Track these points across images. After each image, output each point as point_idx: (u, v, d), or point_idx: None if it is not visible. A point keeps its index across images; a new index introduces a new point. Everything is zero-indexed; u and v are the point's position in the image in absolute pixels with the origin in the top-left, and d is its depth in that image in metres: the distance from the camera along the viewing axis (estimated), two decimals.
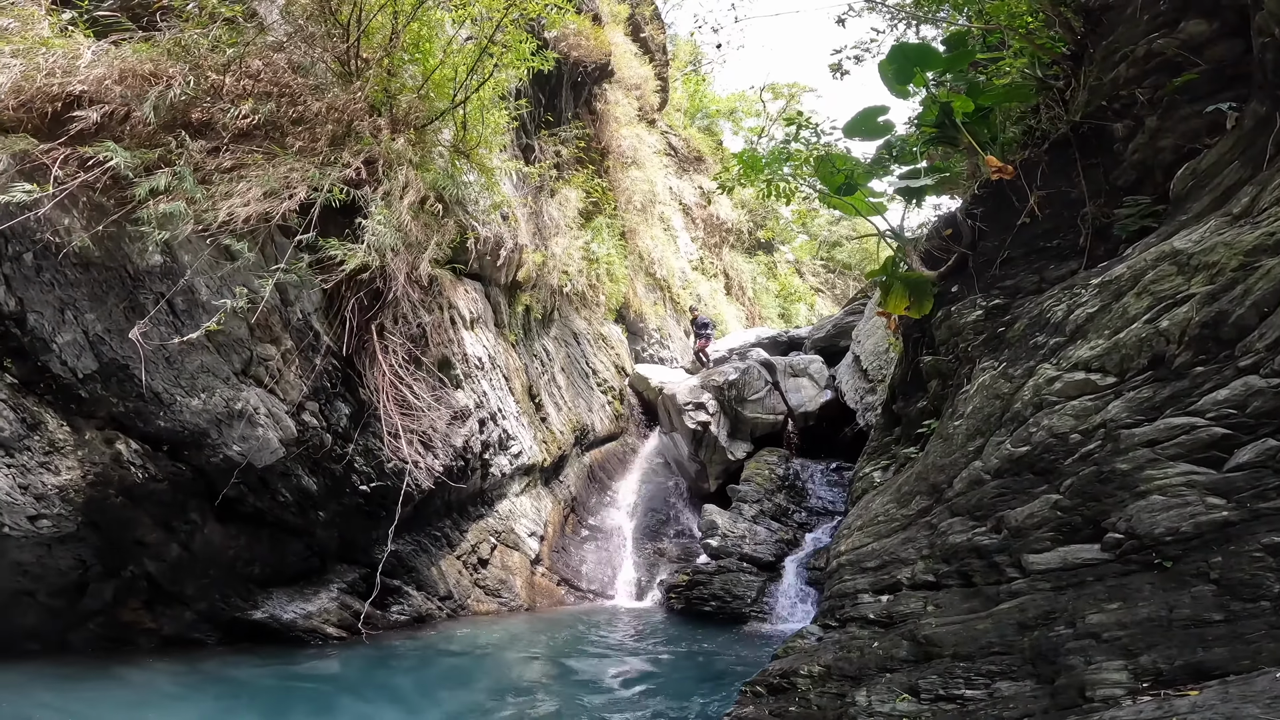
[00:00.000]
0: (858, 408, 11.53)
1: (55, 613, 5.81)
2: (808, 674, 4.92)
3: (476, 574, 9.99)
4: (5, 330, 5.03)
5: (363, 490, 7.58)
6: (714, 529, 10.88)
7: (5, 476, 4.95)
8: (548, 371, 12.53)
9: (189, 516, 6.24)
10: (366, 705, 5.90)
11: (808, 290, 27.83)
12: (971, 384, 5.09)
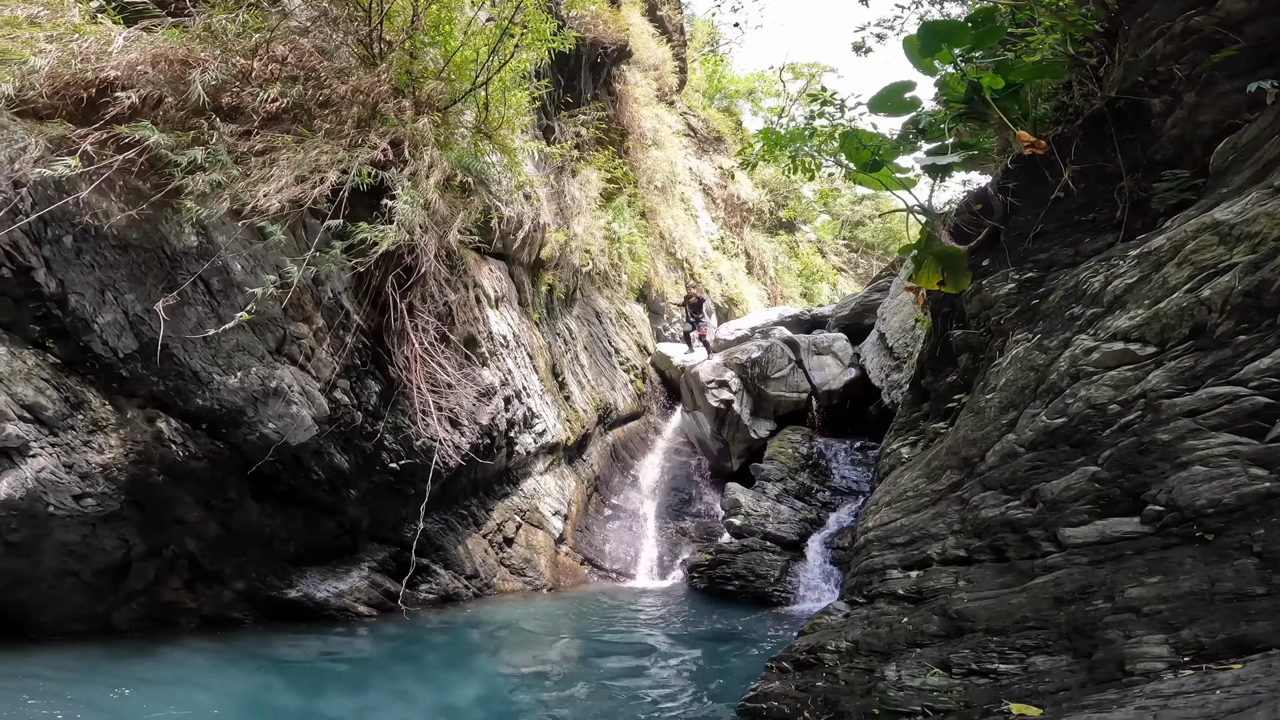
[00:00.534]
0: (883, 385, 11.43)
1: (99, 593, 5.95)
2: (835, 649, 4.96)
3: (502, 553, 10.12)
4: (47, 312, 5.12)
5: (392, 468, 7.70)
6: (737, 507, 10.90)
7: (50, 456, 5.08)
8: (571, 350, 12.58)
9: (227, 495, 6.38)
10: (397, 682, 6.04)
11: (830, 270, 27.60)
12: (1004, 357, 5.06)
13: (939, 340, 6.73)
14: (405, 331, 7.55)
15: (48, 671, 5.15)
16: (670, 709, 5.67)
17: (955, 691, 3.81)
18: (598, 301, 14.03)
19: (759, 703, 5.12)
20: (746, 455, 12.72)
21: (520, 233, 10.34)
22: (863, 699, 4.22)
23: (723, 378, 13.11)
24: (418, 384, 7.49)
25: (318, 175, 6.17)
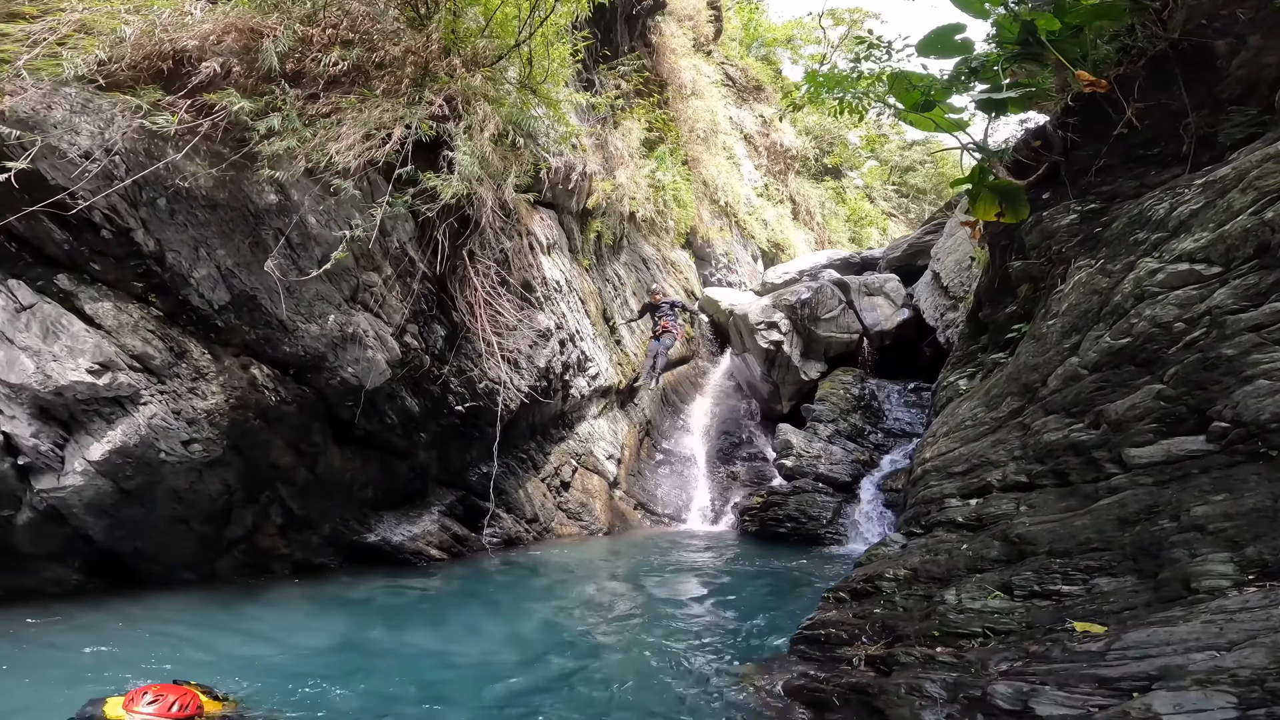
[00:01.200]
0: (938, 324, 11.26)
1: (205, 541, 6.45)
2: (893, 577, 5.12)
3: (559, 497, 10.56)
4: (148, 269, 5.51)
5: (458, 411, 8.10)
6: (789, 449, 11.01)
7: (160, 403, 5.53)
8: (620, 295, 12.75)
9: (313, 439, 6.84)
10: (470, 617, 6.47)
11: (879, 214, 26.91)
12: (1066, 284, 5.07)
13: (997, 273, 6.72)
14: (467, 277, 7.91)
15: (164, 617, 5.66)
16: (727, 641, 5.95)
17: (1017, 613, 3.92)
18: (644, 248, 14.11)
19: (816, 630, 5.33)
20: (797, 397, 12.77)
21: (568, 183, 10.50)
22: (921, 623, 4.36)
23: (772, 319, 13.09)
24: (481, 326, 7.87)
25: (383, 131, 6.42)
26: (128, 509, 5.63)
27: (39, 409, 5.08)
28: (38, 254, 5.23)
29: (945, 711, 3.43)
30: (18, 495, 5.09)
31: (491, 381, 8.13)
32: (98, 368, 5.16)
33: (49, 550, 5.51)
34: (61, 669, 4.53)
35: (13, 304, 5.06)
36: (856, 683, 4.22)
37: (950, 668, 3.73)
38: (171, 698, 3.30)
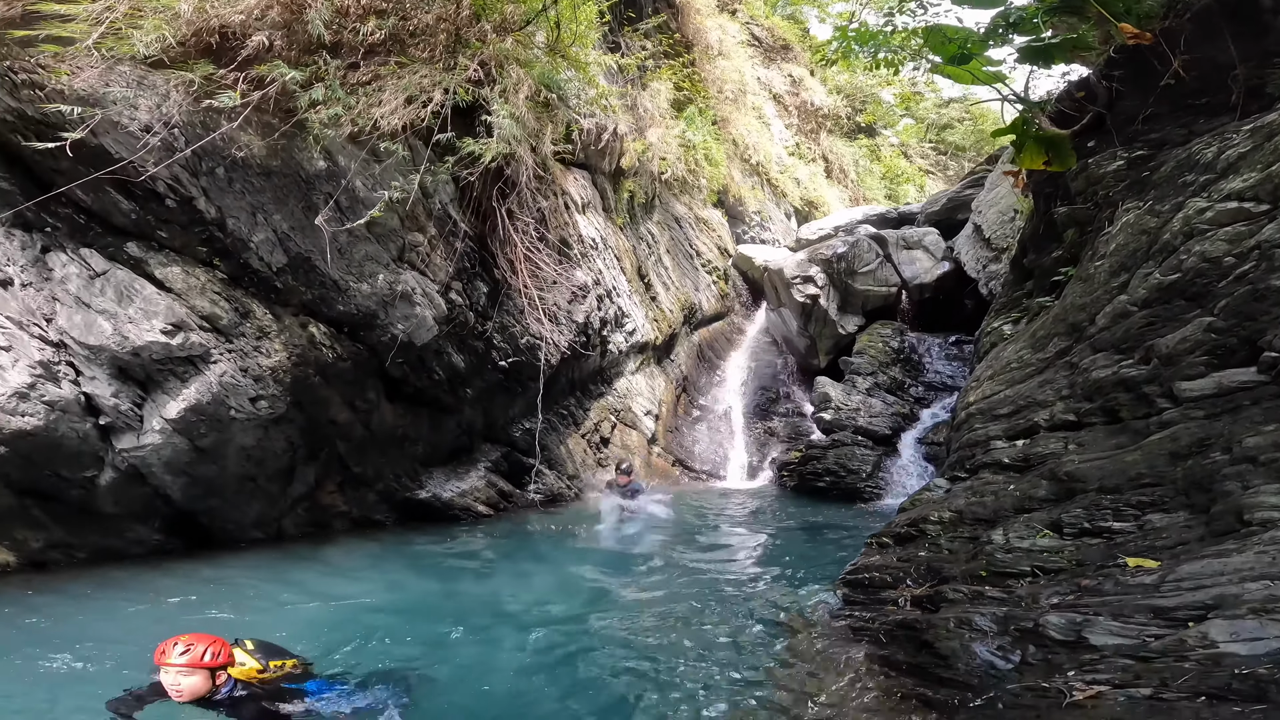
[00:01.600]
0: (980, 277, 11.07)
1: (272, 499, 6.80)
2: (937, 520, 5.19)
3: (599, 453, 10.80)
4: (211, 234, 5.74)
5: (502, 365, 8.37)
6: (827, 402, 11.02)
7: (228, 361, 5.81)
8: (654, 253, 12.79)
9: (367, 396, 7.13)
10: (519, 567, 6.75)
11: (916, 172, 26.19)
12: (1114, 225, 5.09)
13: (1042, 220, 6.77)
14: (507, 235, 8.13)
15: (235, 573, 6.01)
16: (769, 588, 6.09)
17: (1067, 551, 3.95)
18: (676, 207, 14.08)
19: (860, 574, 5.43)
20: (834, 351, 12.74)
21: (600, 143, 10.56)
22: (968, 564, 4.42)
23: (808, 273, 13.00)
24: (521, 281, 8.12)
25: (424, 96, 6.56)
26: (202, 467, 5.96)
27: (117, 369, 5.37)
28: (106, 224, 5.48)
29: (996, 643, 3.52)
30: (100, 456, 5.42)
31: (533, 337, 8.38)
32: (171, 328, 5.43)
33: (131, 510, 5.87)
34: (147, 619, 4.88)
35: (86, 271, 5.32)
36: (903, 620, 4.34)
37: (999, 603, 3.81)
38: (202, 646, 3.28)
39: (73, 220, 5.37)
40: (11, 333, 4.89)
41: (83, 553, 5.71)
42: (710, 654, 4.67)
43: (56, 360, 5.07)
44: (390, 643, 4.78)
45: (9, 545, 5.32)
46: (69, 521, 5.57)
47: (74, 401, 5.13)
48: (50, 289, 5.16)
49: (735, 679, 4.31)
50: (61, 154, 5.04)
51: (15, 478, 5.09)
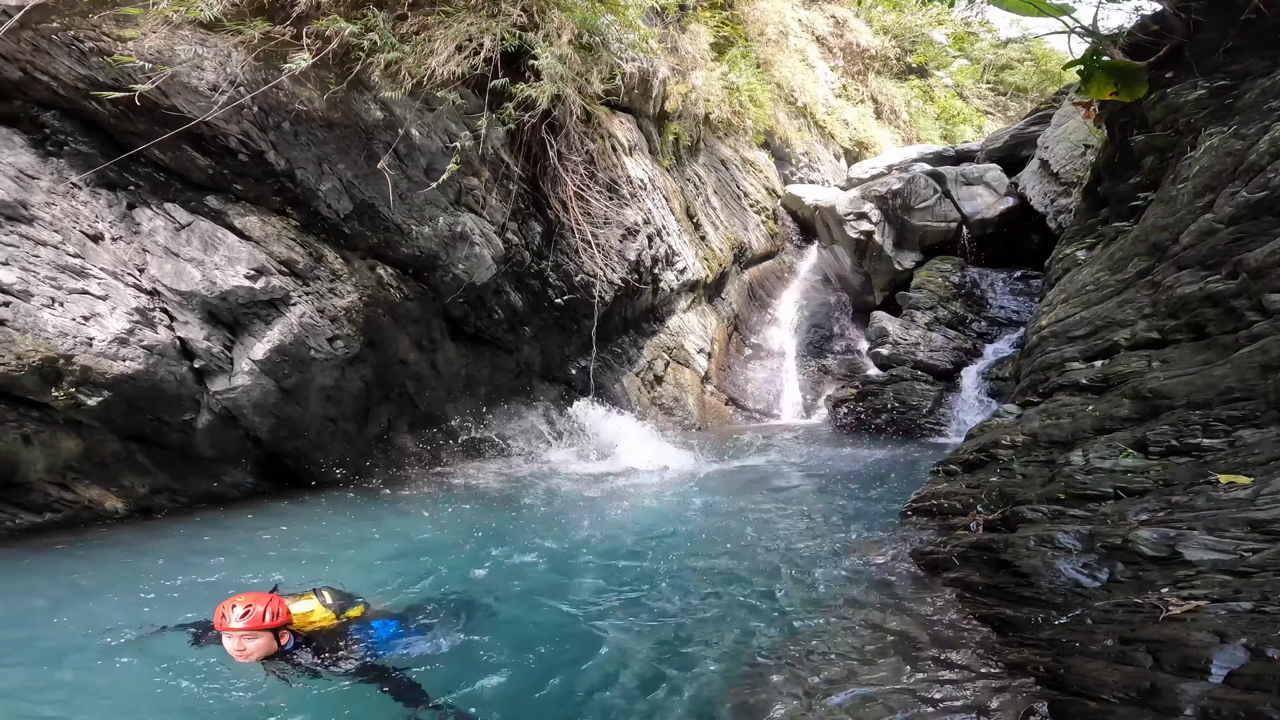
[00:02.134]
0: (1047, 211, 10.60)
1: (350, 439, 7.13)
2: (1009, 444, 5.13)
3: (653, 391, 10.93)
4: (282, 185, 5.96)
5: (557, 303, 8.58)
6: (884, 337, 10.82)
7: (307, 303, 6.08)
8: (701, 194, 12.66)
9: (433, 335, 7.40)
10: (584, 503, 6.94)
11: (974, 112, 24.85)
12: (1196, 150, 5.05)
13: (1117, 148, 6.82)
14: (558, 176, 8.27)
15: (319, 513, 6.31)
16: (829, 520, 6.07)
17: (1152, 471, 3.88)
18: (721, 150, 13.87)
19: (926, 501, 5.42)
20: (890, 288, 12.44)
21: (644, 87, 10.46)
22: (1044, 488, 4.36)
23: (861, 210, 12.63)
24: (574, 219, 8.28)
25: (474, 43, 6.60)
26: (287, 408, 6.28)
27: (208, 314, 5.67)
28: (186, 180, 5.74)
29: (1081, 560, 3.48)
30: (196, 399, 5.76)
31: (587, 274, 8.57)
32: (253, 273, 5.69)
33: (226, 453, 6.25)
34: (244, 556, 5.17)
35: (172, 224, 5.58)
36: (977, 541, 4.34)
37: (1084, 520, 3.79)
38: (260, 607, 3.16)
39: (153, 178, 5.62)
40: (107, 283, 5.17)
41: (185, 497, 6.11)
42: (777, 584, 4.64)
43: (152, 307, 5.36)
44: (461, 575, 4.95)
45: (118, 492, 5.70)
46: (171, 466, 5.95)
47: (170, 345, 5.44)
48: (140, 241, 5.43)
49: (805, 608, 4.28)
50: (137, 116, 5.27)
51: (120, 423, 5.45)
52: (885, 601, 4.19)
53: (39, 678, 3.47)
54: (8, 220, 4.84)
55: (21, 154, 5.06)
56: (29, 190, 4.98)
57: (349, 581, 4.59)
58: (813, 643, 3.76)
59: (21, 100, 5.15)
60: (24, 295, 4.78)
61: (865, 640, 3.73)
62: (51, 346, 4.82)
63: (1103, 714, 2.64)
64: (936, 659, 3.41)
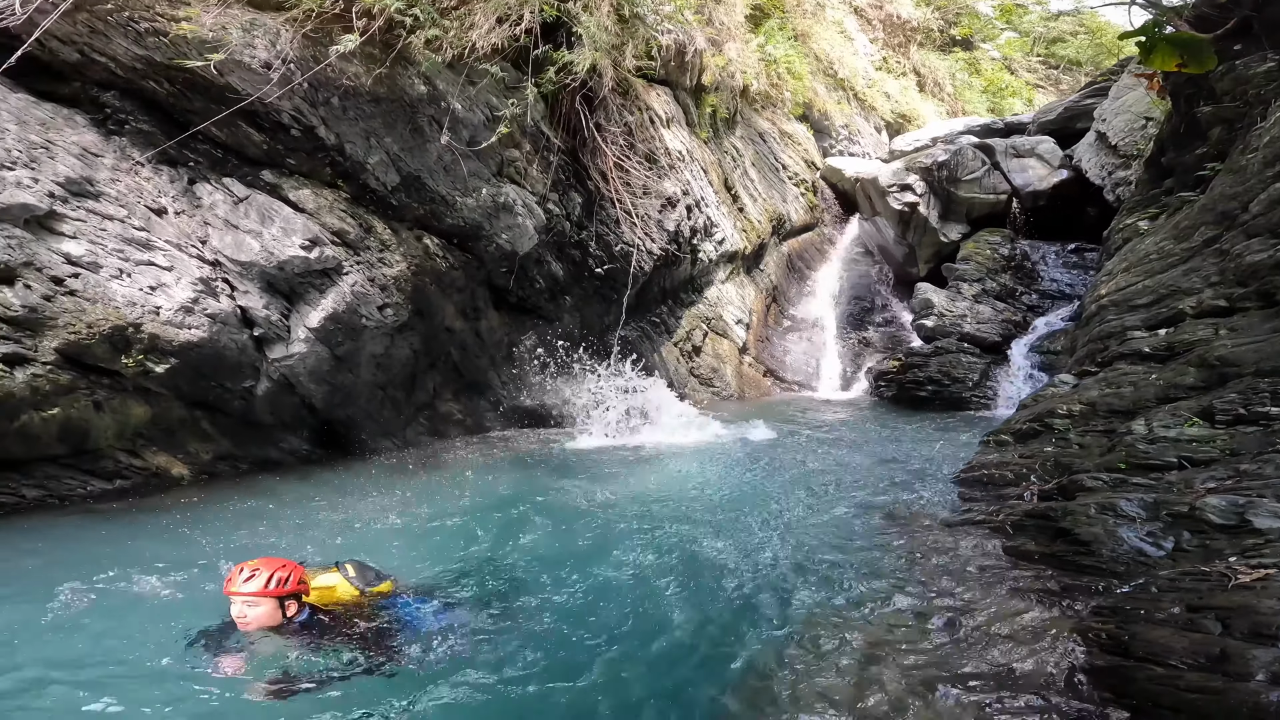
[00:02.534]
0: (1105, 183, 10.25)
1: (398, 407, 7.32)
2: (1066, 413, 5.02)
3: (691, 362, 10.94)
4: (333, 159, 6.12)
5: (598, 273, 8.70)
6: (929, 308, 10.61)
7: (358, 272, 6.25)
8: (739, 166, 12.55)
9: (476, 304, 7.59)
10: (624, 466, 7.01)
11: (1023, 85, 23.97)
12: (1266, 120, 5.03)
13: (1182, 119, 6.85)
14: (597, 147, 8.34)
15: (368, 482, 6.43)
16: (875, 490, 5.99)
17: (1219, 440, 3.77)
18: (759, 122, 13.73)
19: (977, 471, 5.35)
20: (935, 260, 12.19)
21: (680, 59, 10.44)
22: (1103, 457, 4.26)
23: (905, 181, 12.35)
24: (614, 189, 8.36)
25: (514, 15, 6.63)
26: (340, 375, 6.47)
27: (266, 283, 5.84)
28: (241, 155, 5.91)
29: (1145, 529, 3.41)
30: (256, 366, 5.95)
31: (626, 244, 8.66)
32: (308, 243, 5.85)
33: (283, 420, 6.46)
34: (297, 523, 5.31)
35: (230, 198, 5.76)
36: (1033, 510, 4.28)
37: (1147, 489, 3.71)
38: (268, 572, 3.00)
39: (211, 154, 5.81)
40: (172, 254, 5.35)
41: (245, 464, 6.34)
42: (823, 554, 4.58)
43: (214, 277, 5.54)
44: (503, 540, 5.04)
45: (183, 458, 5.93)
46: (233, 433, 6.18)
47: (232, 314, 5.63)
48: (201, 214, 5.61)
49: (855, 577, 4.19)
50: (194, 94, 5.44)
51: (186, 390, 5.67)
52: (937, 573, 4.12)
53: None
54: (74, 196, 5.01)
55: (84, 133, 5.22)
56: (94, 167, 5.14)
57: (393, 549, 4.76)
58: (864, 610, 3.75)
59: (81, 81, 5.32)
60: (93, 267, 4.96)
61: (917, 607, 3.71)
62: (121, 315, 5.02)
63: (1171, 679, 2.61)
64: (991, 628, 3.38)
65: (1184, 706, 2.50)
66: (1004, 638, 3.27)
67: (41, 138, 4.91)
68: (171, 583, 4.07)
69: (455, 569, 4.52)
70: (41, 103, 5.09)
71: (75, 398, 5.07)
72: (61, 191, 4.88)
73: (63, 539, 4.68)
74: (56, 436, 5.09)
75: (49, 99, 5.17)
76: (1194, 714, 2.46)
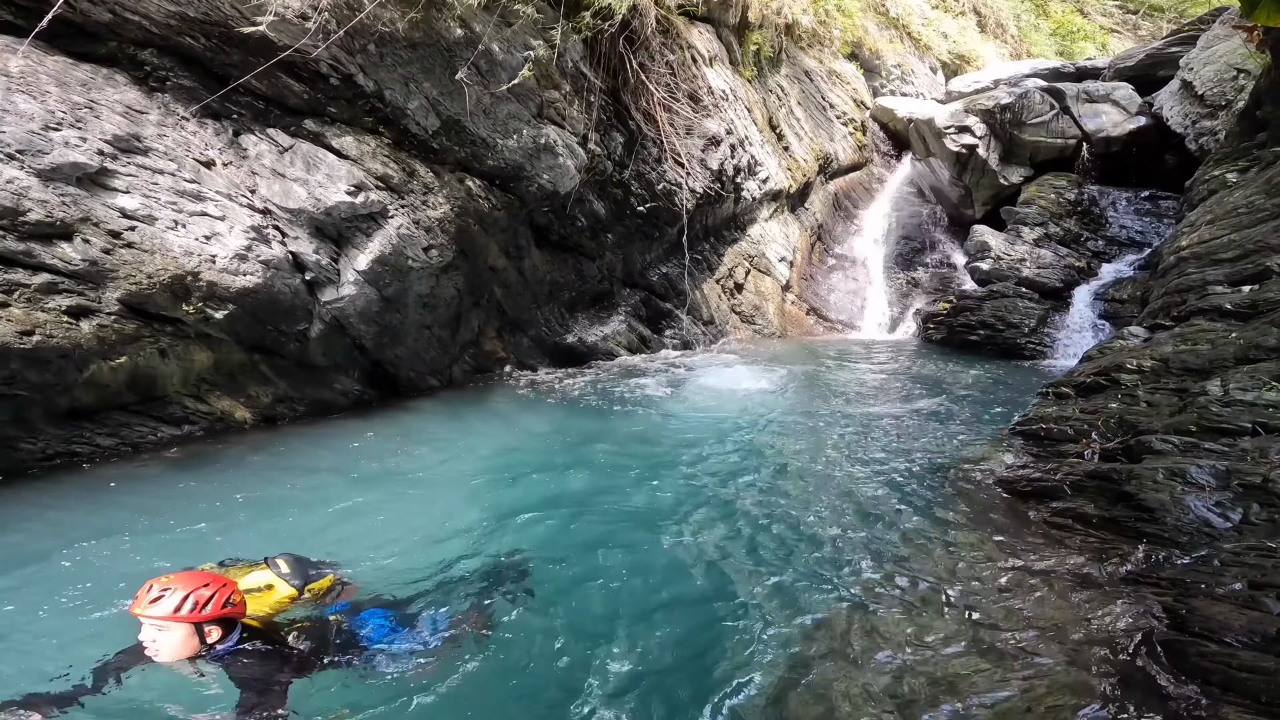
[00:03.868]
0: (1187, 132, 9.59)
1: (444, 346, 7.44)
2: (1135, 368, 4.81)
3: (733, 299, 10.82)
4: (373, 106, 6.06)
5: (640, 211, 8.66)
6: (985, 250, 10.18)
7: (403, 215, 6.28)
8: (785, 105, 12.08)
9: (519, 243, 7.66)
10: (661, 409, 7.03)
11: (1097, 30, 22.08)
12: None
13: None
14: (640, 86, 8.22)
15: (415, 419, 6.65)
16: (925, 441, 5.84)
17: None
18: (805, 61, 13.13)
19: (1034, 425, 5.16)
20: (993, 203, 11.64)
21: None
22: (1173, 418, 4.09)
23: (964, 123, 11.68)
24: (661, 129, 8.29)
25: None
26: (388, 315, 6.59)
27: (315, 229, 5.89)
28: (283, 106, 5.88)
29: (1214, 499, 3.31)
30: (309, 309, 6.06)
31: (669, 183, 8.60)
32: (353, 189, 5.88)
33: (335, 361, 6.60)
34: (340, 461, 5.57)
35: (275, 148, 5.75)
36: (1094, 470, 4.15)
37: (1220, 455, 3.56)
38: (182, 593, 2.46)
39: (254, 106, 5.78)
40: (224, 204, 5.39)
41: (302, 405, 6.52)
42: (869, 511, 4.47)
43: (265, 225, 5.58)
44: (551, 470, 5.19)
45: (245, 402, 6.12)
46: (290, 375, 6.36)
47: (284, 259, 5.69)
48: (248, 165, 5.62)
49: (904, 532, 4.12)
50: (232, 48, 5.37)
51: (245, 335, 5.81)
52: (989, 534, 4.05)
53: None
54: (124, 153, 5.03)
55: (126, 91, 5.23)
56: (139, 125, 5.17)
57: (431, 495, 4.91)
58: (912, 565, 3.72)
59: (117, 41, 5.28)
60: (148, 220, 5.03)
61: (968, 565, 3.68)
62: (179, 265, 5.11)
63: (1225, 656, 2.57)
64: (1044, 593, 3.34)
65: (1234, 684, 2.46)
66: (1053, 607, 3.22)
67: (84, 98, 4.92)
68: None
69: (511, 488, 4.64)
70: (80, 64, 5.08)
71: (141, 345, 5.23)
72: (110, 149, 4.91)
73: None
74: (125, 384, 5.29)
75: (87, 60, 5.16)
76: (1243, 692, 2.43)
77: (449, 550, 4.06)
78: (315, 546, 3.77)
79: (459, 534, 4.31)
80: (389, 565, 3.86)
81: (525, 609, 3.39)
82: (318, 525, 4.41)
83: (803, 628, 3.20)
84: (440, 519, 4.52)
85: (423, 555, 4.00)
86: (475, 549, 4.09)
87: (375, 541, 4.15)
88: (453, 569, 3.83)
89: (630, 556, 4.01)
